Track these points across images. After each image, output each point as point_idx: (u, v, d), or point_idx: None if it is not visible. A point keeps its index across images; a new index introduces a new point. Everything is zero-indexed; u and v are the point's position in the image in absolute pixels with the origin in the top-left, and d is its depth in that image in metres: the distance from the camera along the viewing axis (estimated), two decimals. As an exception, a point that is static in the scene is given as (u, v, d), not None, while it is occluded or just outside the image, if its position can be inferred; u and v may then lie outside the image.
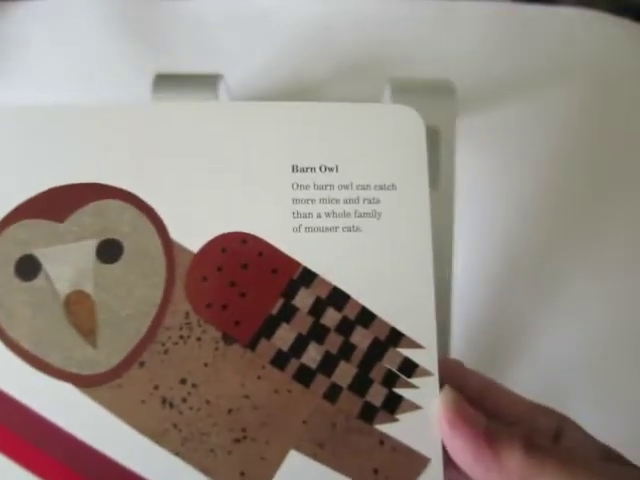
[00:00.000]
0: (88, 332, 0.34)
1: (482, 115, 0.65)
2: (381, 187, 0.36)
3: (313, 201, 0.36)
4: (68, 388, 0.34)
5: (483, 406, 0.35)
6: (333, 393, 0.35)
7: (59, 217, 0.35)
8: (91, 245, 0.35)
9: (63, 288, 0.34)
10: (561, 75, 0.67)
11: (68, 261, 0.34)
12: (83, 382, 0.34)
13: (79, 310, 0.34)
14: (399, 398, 0.35)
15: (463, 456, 0.33)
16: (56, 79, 0.67)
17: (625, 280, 0.62)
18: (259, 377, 0.34)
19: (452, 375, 0.36)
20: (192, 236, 0.35)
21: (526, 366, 0.60)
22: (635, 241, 0.62)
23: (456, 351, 0.57)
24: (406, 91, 0.56)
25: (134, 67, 0.67)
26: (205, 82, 0.58)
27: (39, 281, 0.34)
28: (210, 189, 0.35)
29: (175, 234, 0.35)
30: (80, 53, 0.68)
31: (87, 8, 0.69)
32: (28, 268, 0.34)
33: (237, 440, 0.34)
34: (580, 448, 0.35)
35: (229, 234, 0.35)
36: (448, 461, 0.34)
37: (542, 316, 0.61)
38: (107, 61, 0.68)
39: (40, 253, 0.34)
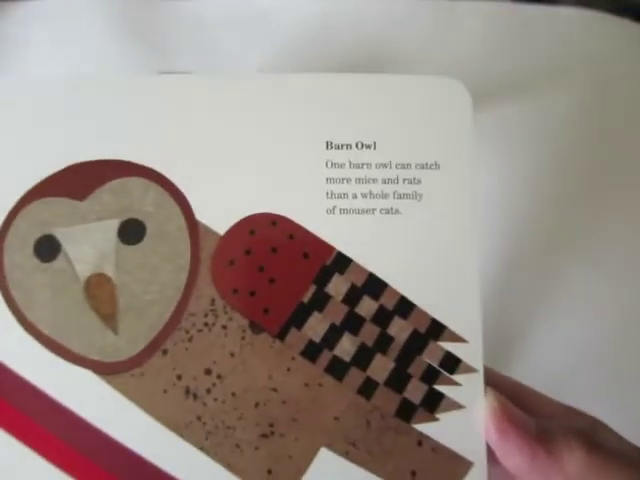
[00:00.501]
0: (108, 317, 0.32)
1: (482, 115, 0.63)
2: (423, 166, 0.33)
3: (349, 180, 0.33)
4: (88, 375, 0.32)
5: None
6: (368, 388, 0.32)
7: (80, 195, 0.32)
8: (113, 225, 0.32)
9: (83, 270, 0.32)
10: (561, 75, 0.65)
11: (89, 242, 0.32)
12: (104, 369, 0.32)
13: (99, 294, 0.32)
14: (440, 396, 0.32)
15: (517, 462, 0.30)
16: (56, 79, 0.64)
17: (625, 280, 0.60)
18: (288, 369, 0.32)
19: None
20: (219, 217, 0.32)
21: (526, 365, 0.58)
22: (635, 240, 0.61)
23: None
24: (406, 91, 0.54)
25: (134, 67, 0.65)
26: (205, 82, 0.55)
27: (59, 262, 0.32)
28: (238, 168, 0.33)
29: (201, 215, 0.32)
30: (80, 53, 0.66)
31: (87, 8, 0.67)
32: (48, 248, 0.32)
33: (264, 435, 0.32)
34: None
35: (258, 215, 0.32)
36: (490, 464, 0.32)
37: (542, 316, 0.59)
38: (107, 61, 0.66)
39: (60, 233, 0.32)
